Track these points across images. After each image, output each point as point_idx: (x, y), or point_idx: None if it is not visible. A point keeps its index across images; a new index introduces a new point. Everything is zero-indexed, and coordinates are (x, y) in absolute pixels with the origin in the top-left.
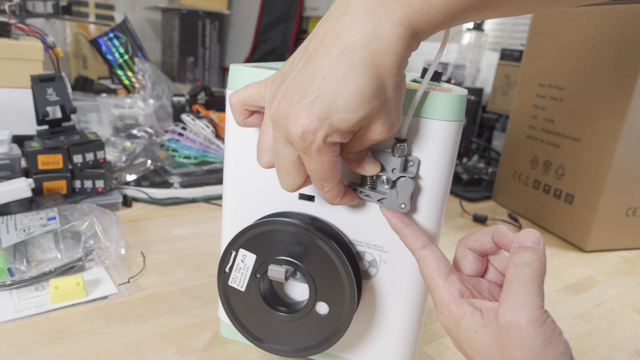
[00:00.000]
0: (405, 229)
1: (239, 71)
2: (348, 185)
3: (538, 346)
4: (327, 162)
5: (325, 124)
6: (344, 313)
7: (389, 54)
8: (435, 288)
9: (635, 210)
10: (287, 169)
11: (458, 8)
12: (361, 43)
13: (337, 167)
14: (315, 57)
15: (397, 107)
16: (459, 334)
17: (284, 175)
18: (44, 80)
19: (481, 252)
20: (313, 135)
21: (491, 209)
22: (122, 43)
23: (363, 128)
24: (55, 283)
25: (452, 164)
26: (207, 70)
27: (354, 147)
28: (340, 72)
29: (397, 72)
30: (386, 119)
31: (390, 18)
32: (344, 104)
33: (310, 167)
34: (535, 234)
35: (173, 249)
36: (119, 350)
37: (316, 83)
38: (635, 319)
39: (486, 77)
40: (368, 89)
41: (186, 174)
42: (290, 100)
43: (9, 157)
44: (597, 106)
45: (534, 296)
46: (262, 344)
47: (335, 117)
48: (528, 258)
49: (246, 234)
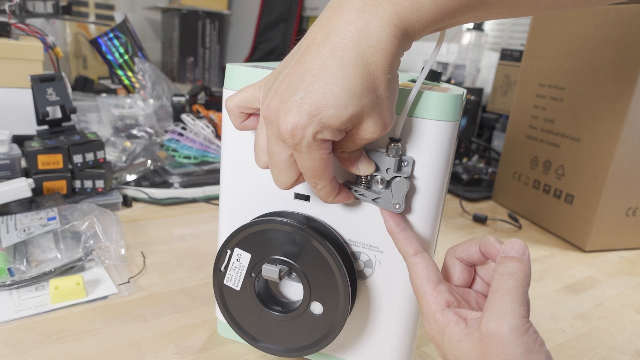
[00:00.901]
0: (400, 234)
1: (235, 71)
2: (343, 183)
3: (519, 355)
4: (317, 159)
5: (315, 121)
6: (338, 313)
7: (380, 52)
8: (423, 296)
9: (635, 210)
10: (279, 167)
11: (449, 7)
12: (351, 41)
13: (328, 164)
14: (306, 55)
15: (389, 105)
16: (442, 343)
17: (276, 173)
18: (44, 80)
19: (469, 262)
20: (303, 131)
21: (491, 209)
22: (122, 43)
23: (355, 126)
24: (55, 283)
25: (447, 164)
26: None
27: (348, 146)
28: (330, 69)
29: (389, 70)
30: (378, 117)
31: (380, 16)
32: (334, 100)
33: (302, 164)
34: (521, 244)
35: (173, 249)
36: (119, 350)
37: (307, 80)
38: (635, 319)
39: (486, 77)
40: (358, 86)
41: (186, 174)
42: (281, 98)
43: (9, 157)
44: (597, 106)
45: (517, 305)
46: (257, 343)
47: (325, 113)
48: (513, 268)
49: (241, 233)
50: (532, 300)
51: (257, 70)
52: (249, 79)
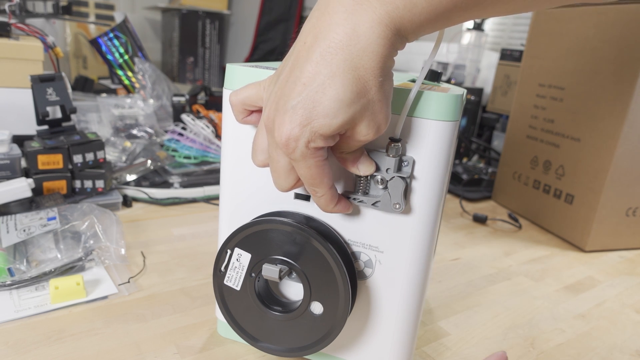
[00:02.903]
0: None
1: (235, 71)
2: (342, 194)
3: None
4: (313, 166)
5: (307, 130)
6: (338, 313)
7: (369, 55)
8: None
9: (635, 210)
10: (278, 172)
11: (443, 7)
12: (340, 45)
13: (325, 171)
14: (298, 61)
15: (382, 107)
16: None
17: (276, 177)
18: (44, 80)
19: None
20: (295, 142)
21: (491, 209)
22: (122, 43)
23: (348, 130)
24: (55, 283)
25: (448, 164)
26: (207, 70)
27: (345, 147)
28: (319, 77)
29: (380, 73)
30: (371, 121)
31: (369, 17)
32: (323, 109)
33: (300, 172)
34: None
35: (173, 249)
36: (119, 350)
37: (297, 89)
38: (635, 319)
39: (486, 77)
40: (347, 94)
41: (186, 174)
42: (276, 106)
43: (9, 157)
44: (597, 106)
45: None
46: (257, 343)
47: (316, 123)
48: None
49: (241, 233)
50: (532, 300)
51: (257, 70)
52: (249, 79)
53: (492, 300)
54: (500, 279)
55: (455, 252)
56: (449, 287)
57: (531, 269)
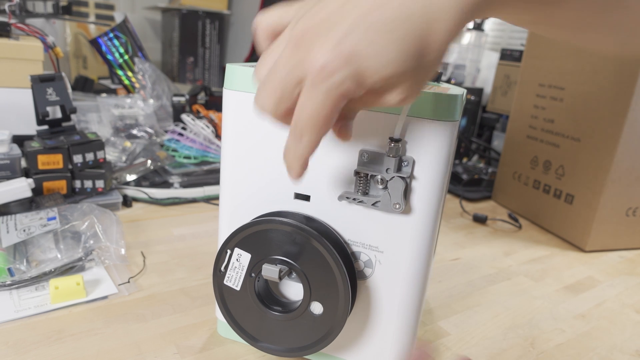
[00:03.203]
0: None
1: (235, 71)
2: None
3: None
4: (327, 106)
5: (350, 67)
6: (338, 313)
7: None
8: None
9: (635, 210)
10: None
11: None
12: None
13: (330, 120)
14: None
15: (427, 77)
16: None
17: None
18: (44, 80)
19: None
20: (331, 73)
21: (491, 209)
22: (122, 43)
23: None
24: (55, 283)
25: (448, 164)
26: (207, 70)
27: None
28: (386, 14)
29: (446, 40)
30: (413, 84)
31: None
32: (378, 52)
33: (305, 104)
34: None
35: (173, 249)
36: (119, 350)
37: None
38: (635, 319)
39: (486, 77)
40: (410, 46)
41: (186, 174)
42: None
43: (9, 157)
44: (597, 106)
45: None
46: (257, 343)
47: (364, 63)
48: None
49: (241, 233)
50: (532, 300)
51: None
52: (249, 79)
53: (492, 300)
54: (500, 279)
55: (455, 252)
56: (449, 287)
57: (531, 269)
